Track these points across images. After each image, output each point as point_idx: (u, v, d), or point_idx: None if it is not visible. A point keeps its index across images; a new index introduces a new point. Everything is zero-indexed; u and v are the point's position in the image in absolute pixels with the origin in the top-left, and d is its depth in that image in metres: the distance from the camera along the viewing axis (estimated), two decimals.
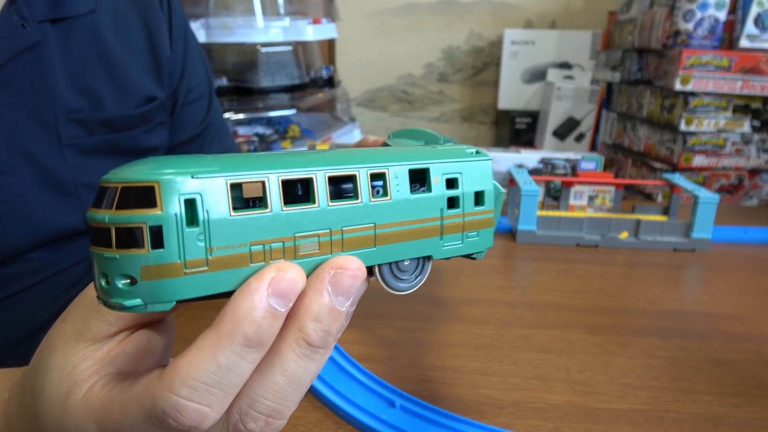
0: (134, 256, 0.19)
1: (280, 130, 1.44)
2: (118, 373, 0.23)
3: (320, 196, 0.21)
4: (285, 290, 0.20)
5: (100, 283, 0.19)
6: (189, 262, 0.19)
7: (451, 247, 0.26)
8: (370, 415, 0.42)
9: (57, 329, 0.24)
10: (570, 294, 0.65)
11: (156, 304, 0.19)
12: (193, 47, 0.62)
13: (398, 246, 0.24)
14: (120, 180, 0.19)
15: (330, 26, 1.49)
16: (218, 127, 0.68)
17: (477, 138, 2.01)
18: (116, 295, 0.19)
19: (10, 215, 0.46)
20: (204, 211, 0.19)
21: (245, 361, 0.20)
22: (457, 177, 0.25)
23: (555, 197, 0.95)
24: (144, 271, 0.19)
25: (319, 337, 0.21)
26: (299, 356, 0.21)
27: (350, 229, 0.22)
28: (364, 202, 0.22)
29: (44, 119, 0.47)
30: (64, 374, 0.23)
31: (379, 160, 0.23)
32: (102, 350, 0.23)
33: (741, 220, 0.91)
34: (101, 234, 0.19)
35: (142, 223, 0.18)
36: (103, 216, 0.19)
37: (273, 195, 0.20)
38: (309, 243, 0.21)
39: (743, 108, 1.19)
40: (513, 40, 1.78)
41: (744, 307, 0.62)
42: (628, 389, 0.47)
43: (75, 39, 0.49)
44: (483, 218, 0.27)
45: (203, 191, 0.19)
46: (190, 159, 0.20)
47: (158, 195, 0.18)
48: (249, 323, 0.19)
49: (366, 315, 0.59)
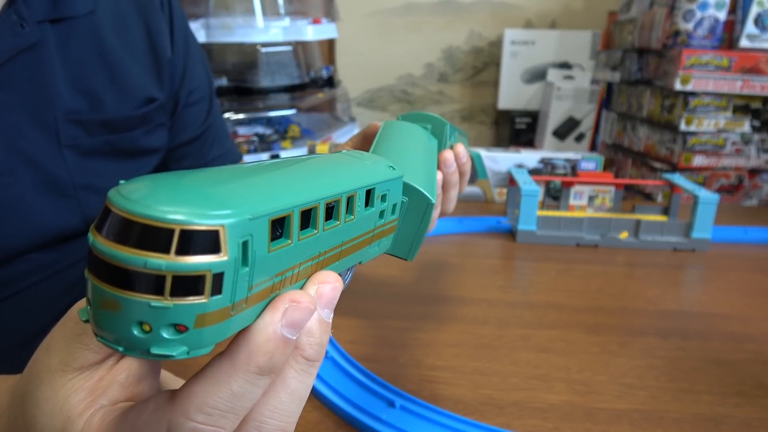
0: (192, 305, 0.17)
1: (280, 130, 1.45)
2: (113, 404, 0.23)
3: (320, 223, 0.22)
4: (298, 320, 0.20)
5: (132, 331, 0.17)
6: (236, 303, 0.18)
7: (371, 252, 0.29)
8: (370, 415, 0.42)
9: (41, 360, 0.23)
10: (570, 294, 0.65)
11: (199, 350, 0.18)
12: (194, 49, 0.63)
13: (351, 257, 0.27)
14: (172, 221, 0.16)
15: (330, 26, 1.49)
16: (218, 129, 0.68)
17: (477, 138, 2.01)
18: (159, 344, 0.17)
19: (9, 216, 0.46)
20: (252, 251, 0.18)
21: (257, 387, 0.20)
22: (386, 193, 0.29)
23: (555, 197, 0.95)
24: (199, 320, 0.17)
25: (314, 351, 0.22)
26: (298, 372, 0.22)
27: (330, 249, 0.24)
28: (341, 223, 0.24)
29: (43, 120, 0.47)
30: (56, 408, 0.22)
31: (342, 184, 0.24)
32: (93, 379, 0.23)
33: (741, 220, 0.91)
34: (145, 279, 0.17)
35: (206, 271, 0.17)
36: (157, 262, 0.16)
37: (294, 226, 0.20)
38: (309, 267, 0.22)
39: (743, 108, 1.19)
40: (513, 40, 1.78)
41: (744, 307, 0.63)
42: (628, 389, 0.47)
43: (75, 40, 0.49)
44: (393, 225, 0.31)
45: (254, 231, 0.18)
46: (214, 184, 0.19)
47: (223, 240, 0.17)
48: (263, 354, 0.20)
49: (366, 315, 0.59)
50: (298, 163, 0.24)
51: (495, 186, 1.02)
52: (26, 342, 0.51)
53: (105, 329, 0.18)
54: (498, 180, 1.02)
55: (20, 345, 0.50)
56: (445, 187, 0.43)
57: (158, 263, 0.16)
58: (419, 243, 0.34)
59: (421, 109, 2.02)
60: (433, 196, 0.33)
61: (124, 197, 0.17)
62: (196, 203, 0.17)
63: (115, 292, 0.17)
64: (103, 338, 0.18)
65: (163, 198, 0.17)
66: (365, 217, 0.27)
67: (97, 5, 0.51)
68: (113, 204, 0.17)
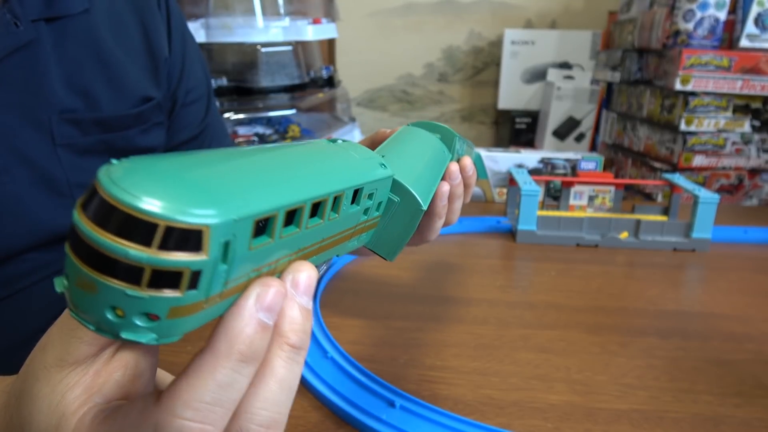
0: (166, 298, 0.17)
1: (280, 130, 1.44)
2: (107, 402, 0.23)
3: (303, 221, 0.22)
4: (272, 303, 0.21)
5: (105, 314, 0.18)
6: (210, 298, 0.18)
7: (350, 246, 0.30)
8: (370, 415, 0.42)
9: (37, 358, 0.23)
10: (570, 294, 0.65)
11: (167, 338, 0.19)
12: (192, 48, 0.62)
13: (329, 251, 0.27)
14: (157, 215, 0.16)
15: (330, 26, 1.49)
16: (216, 128, 0.68)
17: (477, 138, 2.01)
18: (129, 329, 0.18)
19: (5, 215, 0.46)
20: (233, 250, 0.18)
21: (242, 375, 0.20)
22: (374, 191, 0.29)
23: (555, 197, 0.95)
24: (172, 311, 0.18)
25: (298, 338, 0.22)
26: (285, 360, 0.22)
27: (310, 245, 0.24)
28: (325, 221, 0.24)
29: (38, 119, 0.47)
30: (52, 405, 0.22)
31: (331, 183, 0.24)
32: (89, 373, 0.23)
33: (741, 220, 0.91)
34: (124, 268, 0.17)
35: (185, 268, 0.17)
36: (138, 254, 0.16)
37: (278, 226, 0.20)
38: (287, 262, 0.23)
39: (743, 108, 1.19)
40: (513, 40, 1.78)
41: (744, 307, 0.62)
42: (628, 389, 0.47)
43: (70, 38, 0.49)
44: (375, 222, 0.32)
45: (237, 232, 0.18)
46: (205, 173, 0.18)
47: (206, 240, 0.17)
48: (242, 340, 0.20)
49: (366, 315, 0.59)
50: (291, 154, 0.24)
51: (495, 186, 1.02)
52: (25, 342, 0.50)
53: (79, 307, 0.18)
54: (498, 180, 1.02)
55: (19, 345, 0.50)
56: (450, 198, 0.43)
57: (139, 255, 0.16)
58: (402, 245, 0.34)
59: (421, 109, 2.02)
60: (425, 203, 0.33)
61: (113, 182, 0.16)
62: (184, 197, 0.17)
63: (92, 275, 0.17)
64: (76, 314, 0.19)
65: (150, 188, 0.17)
66: (350, 214, 0.27)
67: (93, 4, 0.51)
68: (101, 187, 0.17)
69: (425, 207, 0.33)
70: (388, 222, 0.33)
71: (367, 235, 0.32)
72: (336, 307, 0.60)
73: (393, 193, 0.32)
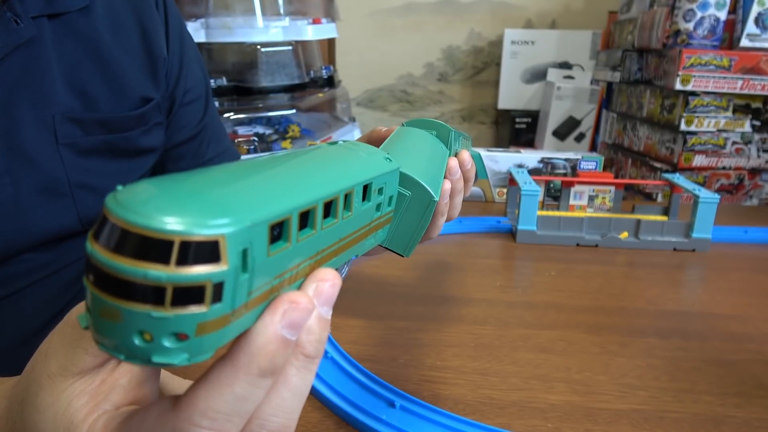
0: (192, 315, 0.17)
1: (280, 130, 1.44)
2: (116, 408, 0.23)
3: (317, 222, 0.22)
4: (298, 321, 0.20)
5: (133, 340, 0.17)
6: (236, 310, 0.18)
7: (367, 245, 0.29)
8: (370, 416, 0.42)
9: (40, 365, 0.23)
10: (570, 294, 0.65)
11: (200, 356, 0.18)
12: (190, 48, 0.62)
13: (348, 252, 0.27)
14: (171, 231, 0.16)
15: (330, 26, 1.49)
16: (215, 128, 0.68)
17: (477, 138, 2.01)
18: (160, 353, 0.17)
19: (5, 216, 0.46)
20: (252, 258, 0.18)
21: (260, 389, 0.20)
22: (383, 186, 0.29)
23: (555, 197, 0.95)
24: (200, 328, 0.17)
25: (314, 348, 0.22)
26: (299, 370, 0.22)
27: (328, 247, 0.24)
28: (339, 220, 0.24)
29: (41, 117, 0.47)
30: (58, 413, 0.22)
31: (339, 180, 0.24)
32: (94, 383, 0.23)
33: (741, 220, 0.90)
34: (145, 290, 0.16)
35: (207, 281, 0.17)
36: (157, 274, 0.16)
37: (293, 229, 0.20)
38: (307, 266, 0.22)
39: (743, 108, 1.19)
40: (513, 40, 1.78)
41: (744, 307, 0.62)
42: (628, 389, 0.47)
43: (69, 38, 0.49)
44: (389, 217, 0.32)
45: (253, 238, 0.18)
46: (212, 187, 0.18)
47: (223, 250, 0.17)
48: (264, 355, 0.20)
49: (366, 315, 0.59)
50: (294, 159, 0.24)
51: (495, 186, 1.02)
52: (24, 342, 0.51)
53: (106, 337, 0.18)
54: (498, 180, 1.02)
55: (18, 345, 0.50)
56: (451, 193, 0.43)
57: (158, 275, 0.16)
58: (417, 239, 0.34)
59: (421, 109, 2.02)
60: (436, 194, 0.33)
61: (122, 206, 0.16)
62: (195, 211, 0.17)
63: (115, 303, 0.17)
64: (104, 345, 0.18)
65: (161, 206, 0.16)
66: (363, 211, 0.26)
67: (92, 2, 0.51)
68: (111, 212, 0.16)
69: (437, 197, 0.33)
70: (401, 217, 0.33)
71: (383, 231, 0.31)
72: (336, 307, 0.60)
73: (404, 188, 0.32)
